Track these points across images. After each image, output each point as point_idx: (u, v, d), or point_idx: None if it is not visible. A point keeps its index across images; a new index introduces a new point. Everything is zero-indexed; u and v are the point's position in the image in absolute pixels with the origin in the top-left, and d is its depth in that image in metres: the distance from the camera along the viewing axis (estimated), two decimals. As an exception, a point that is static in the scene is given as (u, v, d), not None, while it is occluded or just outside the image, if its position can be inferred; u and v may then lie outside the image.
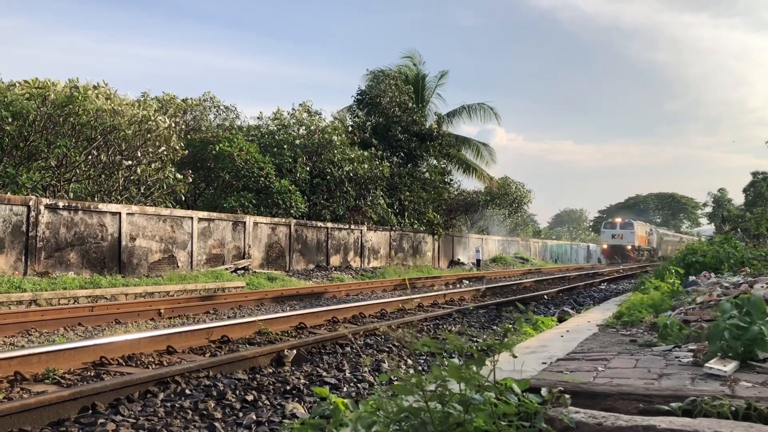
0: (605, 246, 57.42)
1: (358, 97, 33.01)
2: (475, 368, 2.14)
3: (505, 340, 2.63)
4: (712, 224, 75.34)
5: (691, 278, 11.95)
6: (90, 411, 4.30)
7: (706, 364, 4.20)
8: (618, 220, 59.17)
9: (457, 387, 2.25)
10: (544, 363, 4.78)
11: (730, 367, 4.10)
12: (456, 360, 2.36)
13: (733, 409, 2.81)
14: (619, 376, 4.20)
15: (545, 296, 14.65)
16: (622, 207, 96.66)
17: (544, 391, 2.61)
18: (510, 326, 3.31)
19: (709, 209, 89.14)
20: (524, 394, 2.44)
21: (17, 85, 18.59)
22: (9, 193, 15.64)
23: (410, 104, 32.89)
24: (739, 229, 41.97)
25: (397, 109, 31.81)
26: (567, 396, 2.66)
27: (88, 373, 5.49)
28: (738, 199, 78.68)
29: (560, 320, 9.32)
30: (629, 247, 55.60)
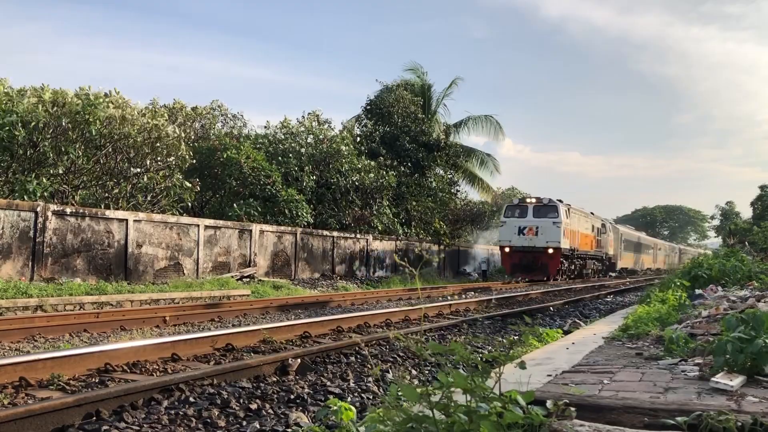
0: (507, 249, 31.03)
1: (367, 106, 33.12)
2: (480, 379, 2.14)
3: (511, 352, 2.62)
4: (720, 237, 71.87)
5: (698, 291, 11.89)
6: (94, 417, 4.31)
7: (713, 379, 4.18)
8: (531, 200, 31.99)
9: (462, 398, 2.25)
10: (549, 375, 4.76)
11: (736, 381, 4.07)
12: (461, 371, 2.35)
13: (740, 424, 2.79)
14: (624, 390, 4.17)
15: (551, 308, 14.60)
16: (629, 219, 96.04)
17: (549, 404, 2.60)
18: (515, 338, 3.31)
19: (716, 222, 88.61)
20: (529, 406, 2.43)
21: (28, 92, 18.73)
22: (17, 200, 15.73)
23: (419, 115, 32.98)
24: (746, 243, 41.56)
25: (405, 119, 31.89)
26: (572, 409, 2.65)
27: (93, 380, 5.50)
28: (746, 212, 78.13)
29: (566, 332, 9.29)
30: (550, 251, 30.31)
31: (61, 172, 18.36)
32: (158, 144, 20.07)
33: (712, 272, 13.86)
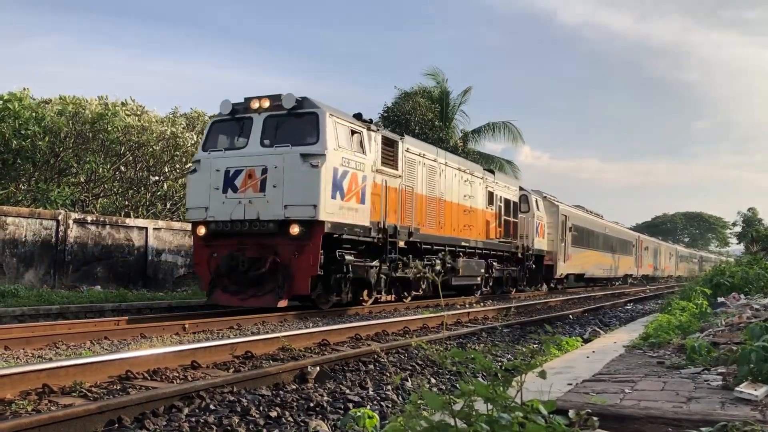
0: (201, 231, 12.39)
1: (384, 114, 33.18)
2: (501, 388, 2.13)
3: (532, 361, 2.61)
4: (742, 244, 68.90)
5: (720, 299, 11.76)
6: (116, 425, 4.34)
7: (737, 388, 4.12)
8: (257, 103, 12.55)
9: (483, 407, 2.24)
10: (570, 384, 4.72)
11: (761, 391, 4.01)
12: (481, 379, 2.35)
13: (765, 434, 2.76)
14: (646, 399, 4.13)
15: (570, 316, 14.49)
16: (649, 226, 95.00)
17: (571, 413, 2.58)
18: (534, 347, 3.29)
19: (738, 229, 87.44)
20: (551, 415, 2.42)
21: (51, 101, 18.99)
22: (40, 208, 15.94)
23: (436, 122, 32.97)
24: (769, 250, 40.67)
25: (423, 126, 31.90)
26: (595, 418, 2.63)
27: (114, 387, 5.54)
28: (769, 219, 76.77)
29: (585, 341, 9.22)
30: (295, 231, 11.60)
31: (82, 180, 18.59)
32: (177, 152, 20.24)
33: (734, 280, 13.71)
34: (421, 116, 32.16)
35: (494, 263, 20.89)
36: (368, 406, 5.08)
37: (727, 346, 5.92)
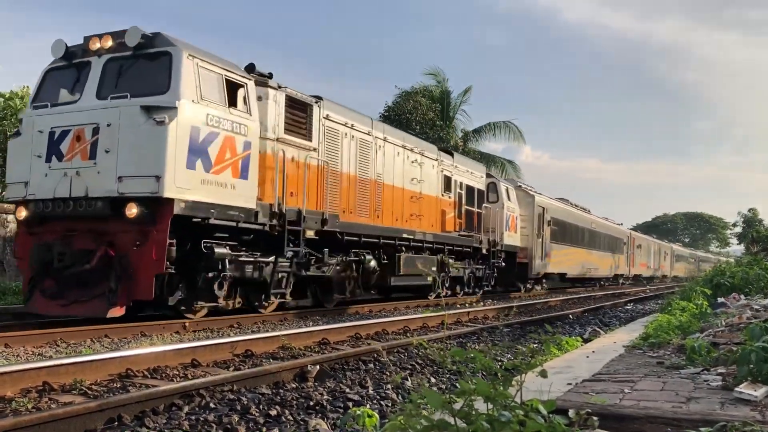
0: (22, 213, 9.39)
1: (385, 113, 33.18)
2: (502, 387, 2.14)
3: (532, 360, 2.62)
4: (742, 245, 68.23)
5: (720, 300, 11.77)
6: (116, 423, 4.34)
7: (736, 389, 4.13)
8: (98, 44, 9.48)
9: (483, 406, 2.24)
10: (570, 384, 4.73)
11: (761, 392, 4.02)
12: (481, 378, 2.35)
13: (765, 435, 2.76)
14: (646, 399, 4.13)
15: (570, 316, 14.50)
16: (650, 226, 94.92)
17: (571, 413, 2.59)
18: (534, 346, 3.30)
19: (738, 229, 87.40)
20: (551, 415, 2.42)
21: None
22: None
23: (437, 121, 32.97)
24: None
25: (423, 125, 31.90)
26: (594, 418, 2.64)
27: (115, 385, 5.54)
28: (769, 219, 76.59)
29: (585, 341, 9.23)
30: (133, 211, 8.62)
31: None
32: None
33: (734, 280, 13.73)
34: (422, 115, 32.17)
35: (451, 260, 17.73)
36: (368, 405, 5.08)
37: (727, 347, 5.93)
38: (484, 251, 19.72)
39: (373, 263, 13.93)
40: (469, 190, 19.23)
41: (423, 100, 33.36)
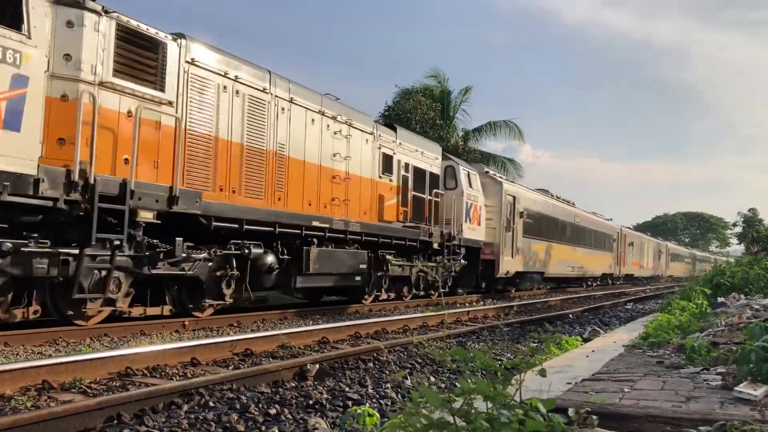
0: None
1: (385, 112, 33.19)
2: (501, 386, 2.13)
3: (531, 359, 2.61)
4: (742, 245, 67.49)
5: (720, 299, 11.77)
6: (115, 421, 4.34)
7: (736, 388, 4.13)
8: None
9: (483, 405, 2.24)
10: (569, 383, 4.73)
11: (760, 391, 4.02)
12: (481, 377, 2.35)
13: (764, 434, 2.76)
14: (645, 398, 4.13)
15: (570, 315, 14.50)
16: (650, 225, 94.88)
17: (571, 412, 2.58)
18: (534, 345, 3.30)
19: (738, 229, 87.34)
20: (550, 414, 2.42)
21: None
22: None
23: (437, 121, 32.98)
24: (769, 250, 40.36)
25: (423, 125, 31.91)
26: (594, 417, 2.64)
27: (114, 383, 5.54)
28: (769, 219, 76.44)
29: (585, 340, 9.23)
30: None
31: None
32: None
33: (734, 280, 13.73)
34: (422, 115, 32.17)
35: (391, 257, 14.75)
36: (367, 404, 5.08)
37: (727, 346, 5.93)
38: (436, 246, 16.65)
39: (269, 259, 11.05)
40: (419, 173, 16.26)
41: (423, 99, 33.37)
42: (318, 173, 12.50)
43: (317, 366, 6.28)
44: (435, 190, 16.99)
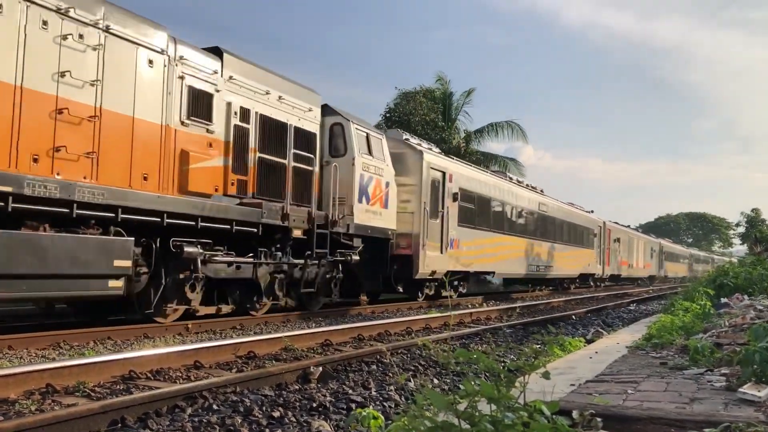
0: None
1: (387, 114, 33.20)
2: (505, 388, 2.13)
3: (535, 361, 2.62)
4: (745, 245, 66.60)
5: (723, 300, 11.75)
6: (119, 424, 4.35)
7: (740, 389, 4.12)
8: None
9: (486, 407, 2.24)
10: (573, 385, 4.73)
11: (764, 392, 4.01)
12: (484, 380, 2.35)
13: (769, 435, 2.75)
14: (649, 400, 4.13)
15: (573, 316, 14.48)
16: (653, 226, 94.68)
17: (574, 414, 2.58)
18: (538, 347, 3.30)
19: (741, 230, 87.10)
20: (554, 416, 2.42)
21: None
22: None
23: (439, 123, 32.98)
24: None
25: (425, 126, 31.91)
26: (598, 419, 2.64)
27: (118, 387, 5.55)
28: (773, 219, 76.15)
29: (588, 341, 9.22)
30: None
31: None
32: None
33: (737, 281, 13.71)
34: (423, 116, 32.16)
35: (193, 249, 9.59)
36: (371, 407, 5.08)
37: (731, 347, 5.92)
38: (298, 233, 11.76)
39: None
40: (273, 126, 11.54)
41: (424, 101, 33.36)
42: (15, 101, 7.37)
43: (320, 368, 6.28)
44: (322, 157, 12.92)
